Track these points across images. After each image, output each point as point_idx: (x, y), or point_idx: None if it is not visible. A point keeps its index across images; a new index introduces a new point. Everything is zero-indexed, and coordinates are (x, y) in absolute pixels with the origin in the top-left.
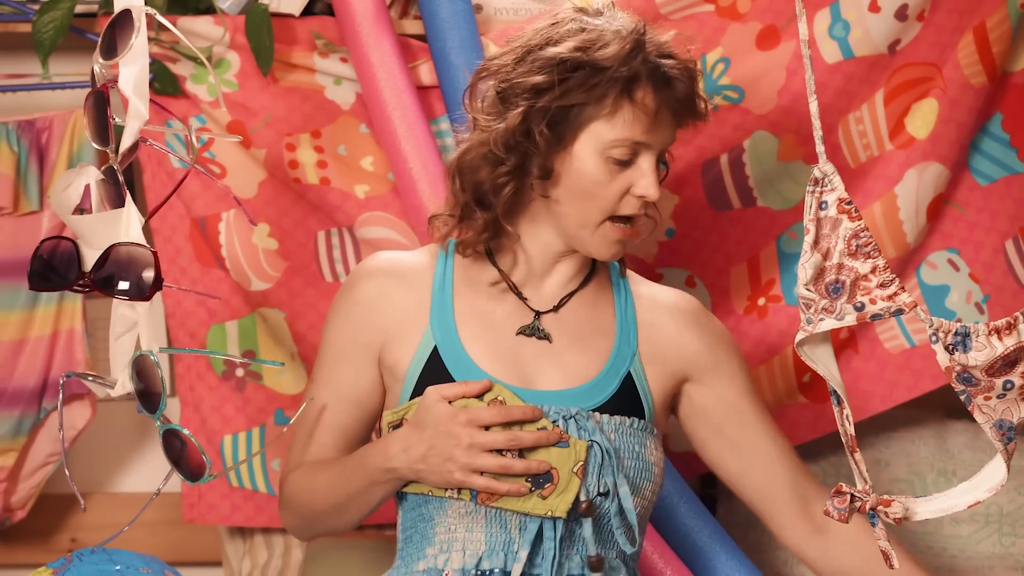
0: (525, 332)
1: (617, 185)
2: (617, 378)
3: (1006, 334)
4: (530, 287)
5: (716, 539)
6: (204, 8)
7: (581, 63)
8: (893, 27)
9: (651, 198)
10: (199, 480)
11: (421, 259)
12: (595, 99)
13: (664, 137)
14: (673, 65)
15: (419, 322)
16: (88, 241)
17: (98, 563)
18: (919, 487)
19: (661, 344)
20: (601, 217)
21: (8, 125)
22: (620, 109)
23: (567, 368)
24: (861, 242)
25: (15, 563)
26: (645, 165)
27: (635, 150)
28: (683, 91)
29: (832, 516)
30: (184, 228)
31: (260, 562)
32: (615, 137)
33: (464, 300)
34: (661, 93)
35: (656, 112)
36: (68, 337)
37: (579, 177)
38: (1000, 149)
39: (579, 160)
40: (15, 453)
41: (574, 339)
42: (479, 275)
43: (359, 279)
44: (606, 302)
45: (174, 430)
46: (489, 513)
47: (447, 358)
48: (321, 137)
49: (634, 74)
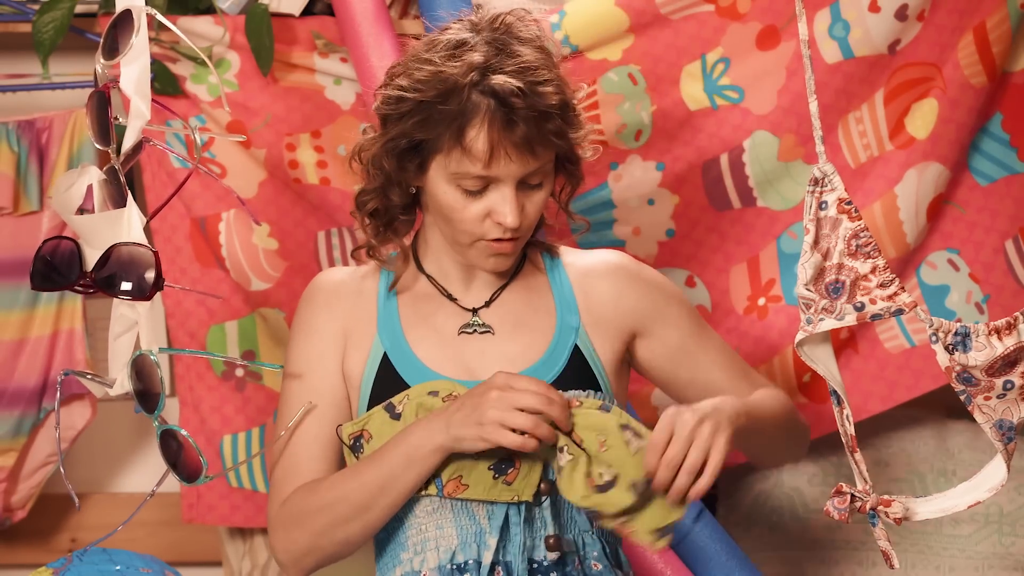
0: (467, 331)
1: (476, 210)
2: (564, 354)
3: (1006, 334)
4: (460, 288)
5: (716, 539)
6: (204, 8)
7: (415, 101)
8: (893, 27)
9: (509, 225)
10: (196, 481)
11: (366, 272)
12: (433, 136)
13: (514, 169)
14: (518, 106)
15: (368, 331)
16: (90, 241)
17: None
18: (919, 487)
19: (600, 308)
20: (468, 239)
21: (8, 125)
22: (454, 149)
23: (512, 355)
24: (861, 242)
25: (15, 563)
26: (498, 195)
27: (484, 181)
28: (523, 134)
29: (832, 516)
30: (184, 228)
31: (260, 562)
32: (455, 171)
33: (408, 307)
34: (495, 133)
35: (490, 152)
36: (68, 337)
37: (436, 202)
38: (1000, 149)
39: (433, 185)
40: (15, 453)
41: (515, 326)
42: (416, 284)
43: (314, 292)
44: (542, 284)
45: (171, 431)
46: (456, 507)
47: (397, 362)
48: (321, 137)
49: (465, 114)
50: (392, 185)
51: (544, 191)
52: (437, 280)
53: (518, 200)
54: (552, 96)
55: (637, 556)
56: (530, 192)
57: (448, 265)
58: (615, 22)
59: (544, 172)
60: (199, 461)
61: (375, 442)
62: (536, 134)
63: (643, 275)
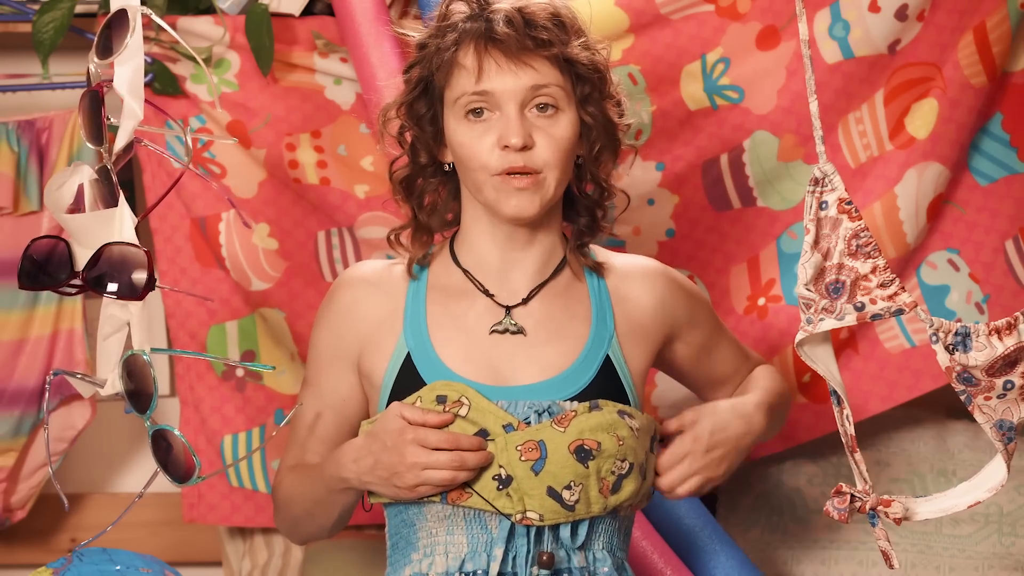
0: (498, 330)
1: (486, 139)
2: (595, 364)
3: (1006, 334)
4: (497, 283)
5: (716, 539)
6: (204, 8)
7: (421, 43)
8: (893, 27)
9: (510, 143)
10: (188, 482)
11: (399, 268)
12: (435, 69)
13: (509, 82)
14: (496, 11)
15: (393, 330)
16: (81, 240)
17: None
18: (919, 487)
19: (639, 317)
20: (486, 177)
21: (8, 125)
22: (451, 73)
23: (543, 361)
24: (861, 242)
25: (15, 563)
26: (501, 113)
27: (484, 100)
28: (509, 41)
29: (832, 516)
30: (184, 228)
31: (260, 562)
32: (457, 97)
33: (438, 305)
34: (483, 44)
35: (480, 63)
36: (68, 337)
37: (454, 148)
38: (1000, 149)
39: (450, 132)
40: (15, 453)
41: (550, 331)
42: (449, 279)
43: (337, 289)
44: (580, 289)
45: (163, 431)
46: (468, 515)
47: (420, 364)
48: (321, 137)
49: (459, 41)
50: (418, 150)
51: (560, 124)
52: (473, 274)
53: (525, 125)
54: (543, 12)
55: (637, 556)
56: (542, 120)
57: (485, 257)
58: (615, 22)
59: (552, 96)
60: (192, 461)
61: None
62: (525, 41)
63: (681, 283)
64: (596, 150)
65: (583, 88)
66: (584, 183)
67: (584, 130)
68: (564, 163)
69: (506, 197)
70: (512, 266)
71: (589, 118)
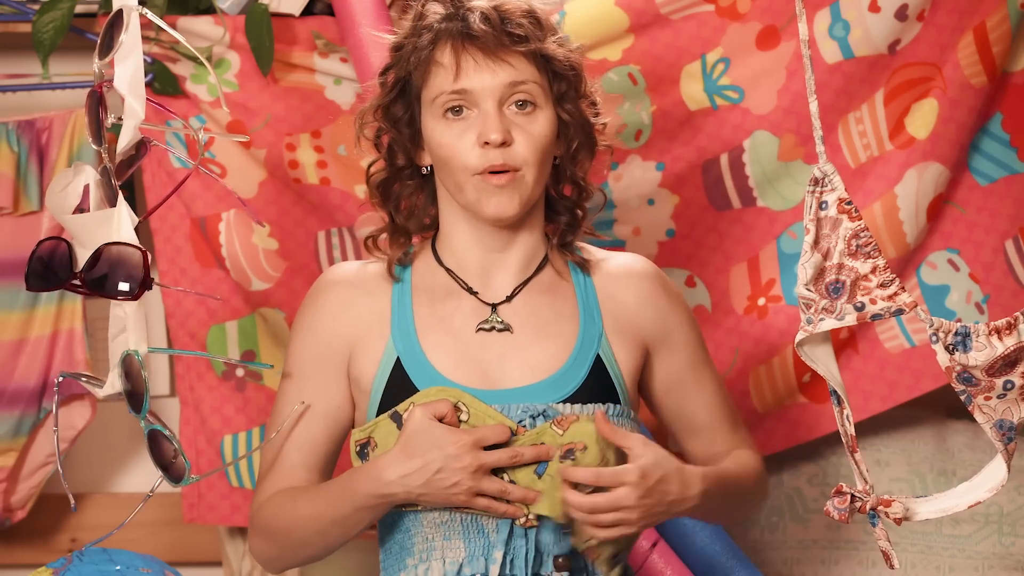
0: (484, 328)
1: (466, 138)
2: (586, 364)
3: (1006, 334)
4: (480, 283)
5: (716, 540)
6: (204, 8)
7: (397, 44)
8: (893, 27)
9: (490, 139)
10: (182, 482)
11: (381, 269)
12: (412, 69)
13: (487, 80)
14: (472, 9)
15: (381, 333)
16: (81, 241)
17: (98, 563)
18: (919, 487)
19: (624, 316)
20: (466, 177)
21: (8, 125)
22: (428, 73)
23: (532, 361)
24: (861, 242)
25: (15, 563)
26: (479, 111)
27: (462, 99)
28: (485, 38)
29: (832, 516)
30: (184, 228)
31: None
32: (435, 97)
33: (424, 307)
34: (459, 42)
35: (457, 61)
36: (68, 337)
37: (433, 147)
38: (1000, 149)
39: (428, 132)
40: (15, 453)
41: (537, 330)
42: (434, 280)
43: (319, 293)
44: (565, 287)
45: (156, 430)
46: (465, 520)
47: (410, 369)
48: (321, 137)
49: (435, 41)
50: (396, 153)
51: (539, 122)
52: (456, 273)
53: (504, 122)
54: (518, 10)
55: (637, 555)
56: (521, 117)
57: (466, 256)
58: (615, 22)
59: (530, 93)
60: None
61: (380, 451)
62: (502, 38)
63: (668, 289)
64: (573, 148)
65: (560, 86)
66: (562, 184)
67: (562, 128)
68: (542, 160)
69: (487, 197)
70: (494, 266)
71: (567, 115)
